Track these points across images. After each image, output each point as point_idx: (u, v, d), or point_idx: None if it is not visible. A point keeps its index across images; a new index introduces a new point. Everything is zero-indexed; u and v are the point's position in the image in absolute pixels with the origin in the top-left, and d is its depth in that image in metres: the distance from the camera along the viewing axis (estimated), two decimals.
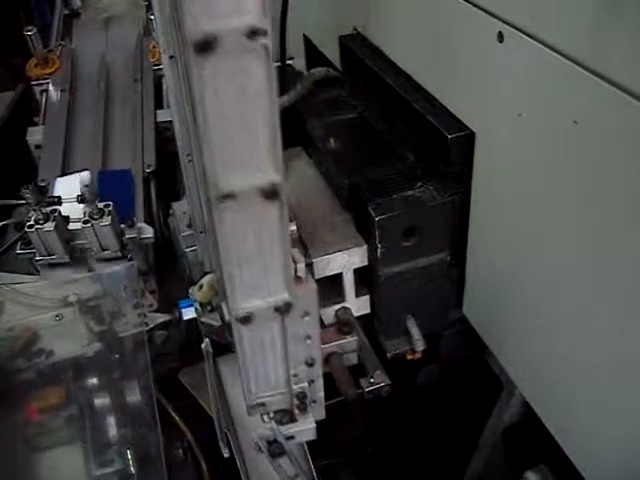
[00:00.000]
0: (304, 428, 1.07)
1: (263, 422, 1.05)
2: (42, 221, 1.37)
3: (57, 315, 1.35)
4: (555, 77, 0.94)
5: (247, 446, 1.33)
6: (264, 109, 0.69)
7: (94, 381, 1.31)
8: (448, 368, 1.80)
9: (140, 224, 1.51)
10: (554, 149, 0.99)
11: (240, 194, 0.74)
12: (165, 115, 1.93)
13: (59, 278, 1.42)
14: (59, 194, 1.47)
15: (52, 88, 2.05)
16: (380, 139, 1.42)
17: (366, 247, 1.28)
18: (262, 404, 1.03)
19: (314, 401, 1.07)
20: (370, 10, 1.49)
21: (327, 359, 1.15)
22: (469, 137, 1.19)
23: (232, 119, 0.69)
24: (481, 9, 1.07)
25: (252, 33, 0.63)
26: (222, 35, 0.62)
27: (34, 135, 1.92)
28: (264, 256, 0.82)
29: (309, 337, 0.96)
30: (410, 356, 1.42)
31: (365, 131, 1.47)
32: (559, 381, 1.14)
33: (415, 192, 1.25)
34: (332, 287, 1.33)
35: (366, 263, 1.30)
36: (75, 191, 1.44)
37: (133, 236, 1.45)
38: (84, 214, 1.39)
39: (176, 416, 1.37)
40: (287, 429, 1.06)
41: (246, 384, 1.00)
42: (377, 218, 1.20)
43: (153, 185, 1.75)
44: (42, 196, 1.41)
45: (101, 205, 1.40)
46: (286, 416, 1.06)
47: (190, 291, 1.33)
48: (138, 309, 1.37)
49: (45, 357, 1.31)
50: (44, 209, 1.38)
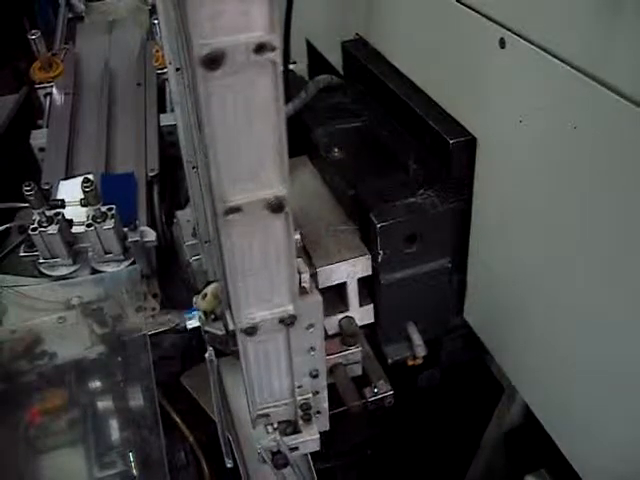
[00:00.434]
0: (308, 439, 1.07)
1: (267, 433, 1.05)
2: (45, 224, 1.39)
3: (60, 318, 1.36)
4: (555, 83, 0.94)
5: (249, 450, 1.33)
6: (271, 124, 0.70)
7: (96, 384, 1.31)
8: (449, 372, 1.80)
9: (143, 227, 1.52)
10: (554, 155, 1.00)
11: (246, 207, 0.75)
12: (168, 119, 1.94)
13: (62, 281, 1.42)
14: (62, 197, 1.48)
15: (56, 91, 2.05)
16: (383, 147, 1.42)
17: (370, 256, 1.27)
18: (266, 415, 1.04)
19: (318, 412, 1.07)
20: (372, 15, 1.49)
21: (331, 370, 1.15)
22: (471, 143, 1.20)
23: (239, 133, 0.69)
24: (483, 15, 1.07)
25: (260, 48, 0.63)
26: (229, 50, 0.62)
27: (38, 138, 1.93)
28: (269, 268, 0.82)
29: (313, 349, 0.97)
30: (411, 362, 1.42)
31: (368, 139, 1.47)
32: (559, 385, 1.14)
33: (417, 199, 1.25)
34: (336, 296, 1.33)
35: (370, 272, 1.29)
36: (78, 194, 1.45)
37: (136, 239, 1.46)
38: (87, 217, 1.40)
39: (178, 419, 1.37)
40: (291, 440, 1.06)
41: (250, 395, 1.00)
42: (379, 225, 1.20)
43: (156, 189, 1.75)
44: (45, 199, 1.42)
45: (104, 208, 1.41)
46: (290, 427, 1.06)
47: (194, 300, 1.33)
48: (141, 312, 1.37)
49: (48, 359, 1.32)
50: (48, 212, 1.39)
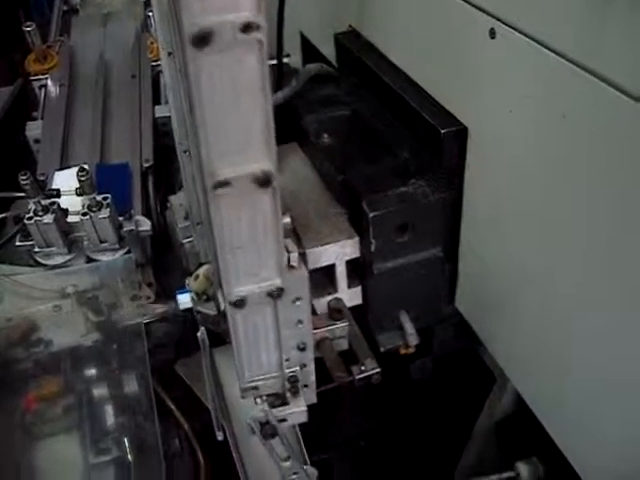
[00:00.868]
0: (296, 411, 1.08)
1: (256, 405, 1.07)
2: (41, 213, 1.40)
3: (55, 306, 1.37)
4: (545, 72, 0.96)
5: (240, 432, 1.36)
6: (258, 100, 0.71)
7: (92, 371, 1.33)
8: (441, 361, 1.82)
9: (138, 217, 1.53)
10: (543, 144, 1.01)
11: (234, 182, 0.76)
12: (163, 110, 1.94)
13: (57, 270, 1.43)
14: (57, 187, 1.50)
15: (51, 83, 2.06)
16: (374, 135, 1.44)
17: (358, 239, 1.29)
18: (255, 387, 1.05)
19: (306, 385, 1.09)
20: (365, 7, 1.51)
21: (318, 344, 1.16)
22: (462, 132, 1.21)
23: (227, 110, 0.71)
24: (474, 6, 1.09)
25: (246, 27, 0.65)
26: (218, 29, 0.64)
27: (33, 129, 1.94)
28: (257, 242, 0.84)
29: (301, 322, 0.99)
30: (404, 350, 1.43)
31: (359, 127, 1.49)
32: (551, 374, 1.16)
33: (409, 189, 1.26)
34: (325, 278, 1.35)
35: (358, 255, 1.31)
36: (74, 184, 1.46)
37: (131, 228, 1.47)
38: (83, 206, 1.41)
39: (172, 405, 1.38)
40: (279, 412, 1.08)
41: (240, 367, 1.02)
42: (371, 214, 1.22)
43: (150, 179, 1.77)
44: (41, 189, 1.43)
45: (99, 197, 1.42)
46: (278, 400, 1.08)
47: (187, 281, 1.35)
48: (135, 301, 1.39)
49: (44, 347, 1.33)
50: (43, 201, 1.41)
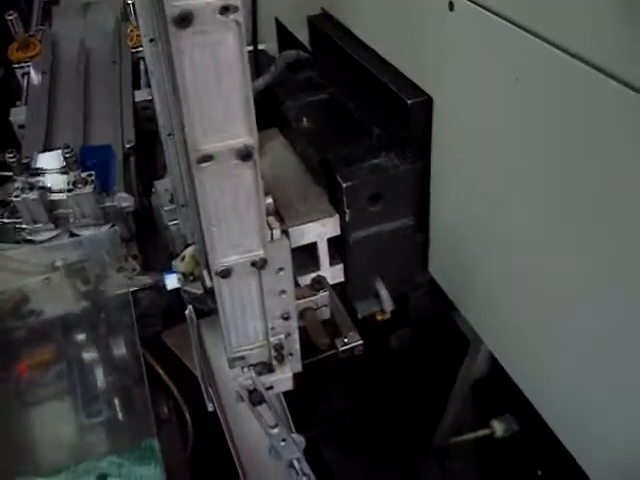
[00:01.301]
0: (282, 377, 1.13)
1: (242, 373, 1.11)
2: (27, 190, 1.45)
3: (45, 279, 1.40)
4: (499, 39, 1.00)
5: (228, 401, 1.40)
6: (237, 78, 0.76)
7: (81, 337, 1.37)
8: (418, 330, 1.88)
9: (120, 194, 1.58)
10: (499, 106, 1.06)
11: (217, 156, 0.81)
12: (142, 95, 1.99)
13: (45, 244, 1.48)
14: (49, 167, 1.55)
15: (33, 71, 2.09)
16: (349, 116, 1.49)
17: (338, 217, 1.34)
18: (242, 357, 1.09)
19: (291, 354, 1.13)
20: None
21: (302, 314, 1.19)
22: (427, 102, 1.25)
23: (208, 87, 0.76)
24: None
25: (224, 9, 0.70)
26: (198, 11, 0.70)
27: (17, 115, 1.97)
28: (240, 214, 0.89)
29: (284, 291, 1.03)
30: (380, 317, 1.48)
31: (336, 109, 1.53)
32: (522, 333, 1.19)
33: (380, 161, 1.31)
34: (307, 257, 1.40)
35: (339, 232, 1.36)
36: (56, 165, 1.53)
37: (113, 204, 1.52)
38: (68, 183, 1.47)
39: (160, 370, 1.42)
40: (266, 379, 1.12)
41: (227, 338, 1.06)
42: (344, 185, 1.27)
43: (132, 160, 1.81)
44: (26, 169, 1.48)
45: (84, 174, 1.47)
46: (265, 368, 1.12)
47: (173, 263, 1.39)
48: (121, 272, 1.43)
49: (35, 317, 1.38)
50: (29, 179, 1.46)
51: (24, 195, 1.45)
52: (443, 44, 1.16)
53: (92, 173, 1.49)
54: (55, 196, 1.51)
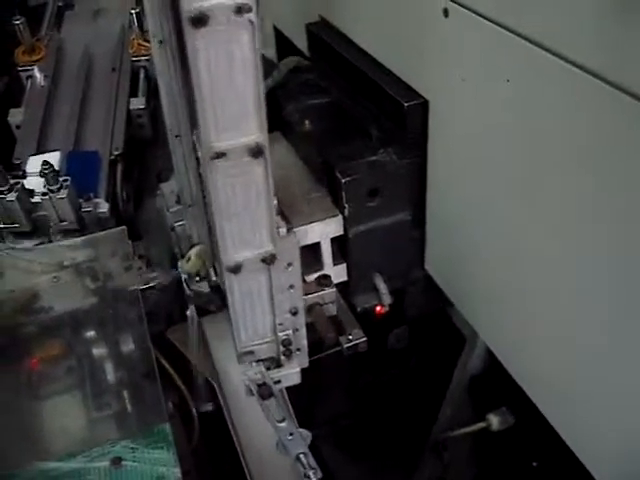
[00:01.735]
0: (289, 372, 1.16)
1: (251, 367, 1.14)
2: (6, 192, 1.48)
3: (54, 277, 1.43)
4: (491, 43, 1.04)
5: (232, 398, 1.45)
6: (250, 76, 0.80)
7: (91, 333, 1.40)
8: (415, 327, 1.92)
9: (97, 199, 1.61)
10: (492, 106, 1.10)
11: (230, 153, 0.85)
12: (138, 103, 2.02)
13: (54, 243, 1.51)
14: (31, 170, 1.58)
15: (37, 74, 2.11)
16: (349, 117, 1.53)
17: (341, 217, 1.38)
18: (251, 352, 1.12)
19: (298, 349, 1.15)
20: None
21: (309, 310, 1.22)
22: (423, 105, 1.29)
23: (222, 85, 0.80)
24: None
25: (239, 9, 0.74)
26: (213, 11, 0.73)
27: (15, 116, 1.99)
28: (251, 210, 0.92)
29: (292, 287, 1.05)
30: (379, 310, 1.51)
31: (335, 112, 1.57)
32: (518, 327, 1.20)
33: (378, 157, 1.35)
34: (311, 256, 1.43)
35: (342, 232, 1.40)
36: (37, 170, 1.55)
37: (89, 209, 1.56)
38: (44, 186, 1.50)
39: (167, 364, 1.45)
40: (274, 373, 1.15)
41: (236, 333, 1.09)
42: (343, 180, 1.31)
43: (120, 167, 1.83)
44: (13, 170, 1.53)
45: (60, 179, 1.50)
46: (273, 363, 1.15)
47: (179, 264, 1.42)
48: (129, 271, 1.46)
49: (45, 314, 1.40)
50: (10, 181, 1.50)
51: (1, 196, 1.48)
52: (438, 49, 1.20)
53: (68, 178, 1.51)
54: (35, 199, 1.54)
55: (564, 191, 0.99)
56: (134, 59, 2.18)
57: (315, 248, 1.41)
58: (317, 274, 1.34)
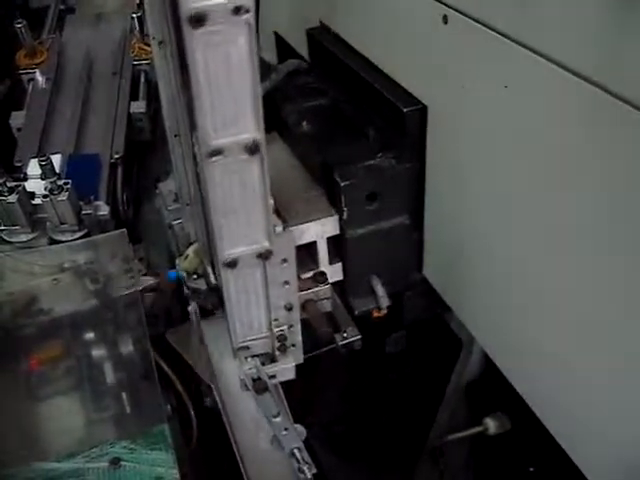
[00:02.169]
0: (284, 367, 1.17)
1: (246, 362, 1.15)
2: (7, 193, 1.50)
3: (54, 279, 1.44)
4: (489, 50, 1.05)
5: (228, 396, 1.44)
6: (247, 76, 0.81)
7: (90, 335, 1.40)
8: (412, 332, 1.92)
9: (97, 202, 1.63)
10: (490, 113, 1.10)
11: (227, 150, 0.86)
12: (138, 106, 2.04)
13: (54, 246, 1.52)
14: (32, 173, 1.60)
15: (38, 77, 2.13)
16: (347, 120, 1.53)
17: (337, 217, 1.38)
18: (246, 347, 1.13)
19: (293, 345, 1.17)
20: (334, 3, 1.59)
21: (304, 306, 1.25)
22: (422, 110, 1.30)
23: (220, 84, 0.81)
24: None
25: (237, 10, 0.75)
26: (211, 11, 0.75)
27: (16, 119, 2.01)
28: (247, 206, 0.93)
29: (287, 283, 1.07)
30: (376, 313, 1.50)
31: (333, 114, 1.57)
32: (515, 330, 1.21)
33: (376, 161, 1.36)
34: (307, 256, 1.43)
35: (337, 232, 1.40)
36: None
37: (89, 212, 1.57)
38: (45, 189, 1.51)
39: (165, 366, 1.45)
40: (269, 368, 1.16)
41: (232, 328, 1.10)
42: (342, 184, 1.31)
43: (120, 170, 1.85)
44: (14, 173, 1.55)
45: (60, 182, 1.52)
46: (268, 359, 1.16)
47: (177, 262, 1.44)
48: (129, 273, 1.47)
49: (44, 315, 1.41)
50: (9, 183, 1.51)
51: (2, 198, 1.50)
52: (437, 55, 1.21)
53: (68, 181, 1.53)
54: (36, 201, 1.57)
55: (563, 195, 0.99)
56: (135, 63, 2.21)
57: (311, 247, 1.41)
58: (312, 273, 1.36)
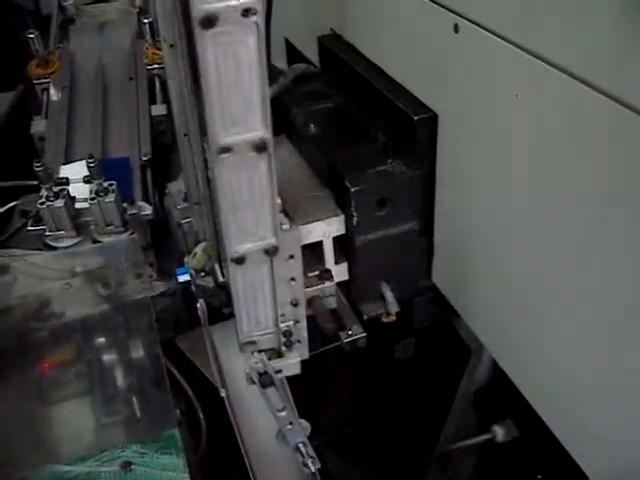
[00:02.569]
0: (290, 362, 1.18)
1: (252, 356, 1.17)
2: (52, 198, 1.51)
3: (66, 284, 1.45)
4: (500, 59, 1.06)
5: (236, 398, 1.46)
6: (255, 75, 0.84)
7: (102, 339, 1.41)
8: (421, 340, 1.93)
9: (140, 202, 1.65)
10: (501, 121, 1.11)
11: (235, 148, 0.88)
12: (158, 110, 2.07)
13: (66, 250, 1.53)
14: (73, 178, 1.61)
15: (53, 86, 2.15)
16: (356, 124, 1.54)
17: (343, 217, 1.39)
18: (253, 342, 1.15)
19: (299, 341, 1.18)
20: (344, 11, 1.61)
21: (310, 302, 1.26)
22: (433, 118, 1.31)
23: (229, 84, 0.83)
24: (440, 5, 1.20)
25: (246, 12, 0.78)
26: (222, 13, 0.77)
27: (37, 127, 2.03)
28: (255, 203, 0.95)
29: (294, 279, 1.09)
30: (385, 319, 1.50)
31: (342, 118, 1.59)
32: (525, 338, 1.21)
33: (387, 167, 1.37)
34: (313, 255, 1.43)
35: (344, 231, 1.41)
36: (78, 176, 1.58)
37: (134, 212, 1.59)
38: (91, 192, 1.53)
39: (175, 370, 1.46)
40: (275, 363, 1.17)
41: (239, 323, 1.12)
42: (352, 189, 1.33)
43: (149, 172, 1.87)
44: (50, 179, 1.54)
45: (106, 184, 1.54)
46: (274, 354, 1.17)
47: (185, 260, 1.45)
48: (140, 278, 1.48)
49: (56, 319, 1.42)
50: (54, 188, 1.52)
51: (49, 203, 1.51)
52: (448, 63, 1.22)
53: (113, 183, 1.55)
54: (79, 204, 1.58)
55: (574, 204, 1.00)
56: (149, 67, 2.24)
57: (317, 247, 1.43)
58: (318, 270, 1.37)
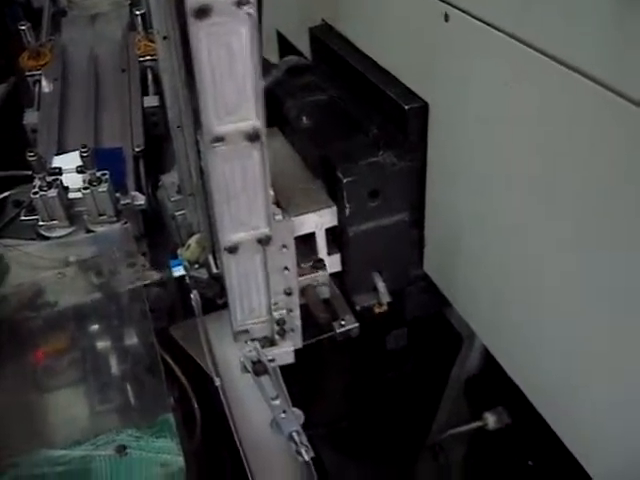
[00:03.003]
0: (283, 351, 1.20)
1: (245, 345, 1.18)
2: (46, 188, 1.50)
3: (59, 273, 1.45)
4: (490, 47, 1.07)
5: (230, 387, 1.46)
6: (248, 66, 0.85)
7: (95, 327, 1.41)
8: (413, 328, 1.94)
9: (133, 192, 1.65)
10: (491, 110, 1.12)
11: (228, 137, 0.89)
12: (151, 101, 2.06)
13: (59, 240, 1.53)
14: (67, 167, 1.60)
15: (44, 78, 2.14)
16: (348, 116, 1.55)
17: (336, 208, 1.40)
18: (246, 331, 1.16)
19: (292, 329, 1.19)
20: (337, 2, 1.61)
21: (303, 291, 1.27)
22: (423, 107, 1.32)
23: (222, 74, 0.84)
24: None
25: (239, 2, 0.79)
26: (215, 3, 0.78)
27: (30, 118, 2.03)
28: (248, 193, 0.96)
29: (287, 268, 1.09)
30: (377, 309, 1.52)
31: (335, 110, 1.60)
32: (516, 325, 1.23)
33: (378, 159, 1.37)
34: (306, 247, 1.44)
35: (336, 223, 1.42)
36: (71, 166, 1.58)
37: (127, 202, 1.59)
38: (84, 181, 1.52)
39: (170, 359, 1.46)
40: (268, 352, 1.19)
41: (233, 312, 1.13)
42: (345, 180, 1.34)
43: (142, 163, 1.87)
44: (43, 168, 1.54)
45: (99, 174, 1.53)
46: (267, 343, 1.19)
47: (179, 251, 1.46)
48: (132, 268, 1.48)
49: (50, 308, 1.42)
50: (47, 178, 1.52)
51: (42, 193, 1.51)
52: (438, 53, 1.23)
53: (106, 172, 1.54)
54: (72, 194, 1.58)
55: (564, 193, 1.01)
56: (141, 59, 2.23)
57: (310, 240, 1.44)
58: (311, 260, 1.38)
